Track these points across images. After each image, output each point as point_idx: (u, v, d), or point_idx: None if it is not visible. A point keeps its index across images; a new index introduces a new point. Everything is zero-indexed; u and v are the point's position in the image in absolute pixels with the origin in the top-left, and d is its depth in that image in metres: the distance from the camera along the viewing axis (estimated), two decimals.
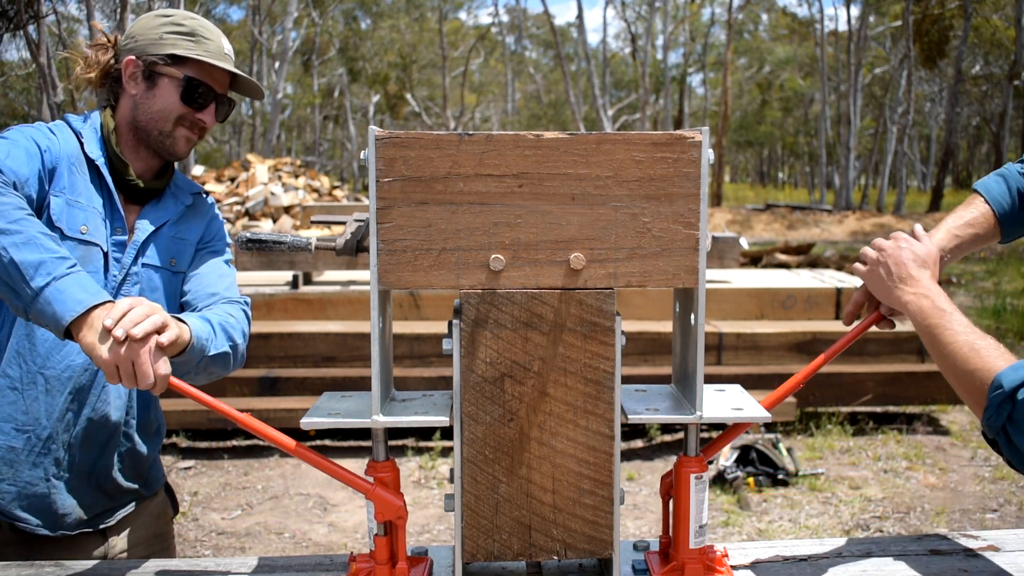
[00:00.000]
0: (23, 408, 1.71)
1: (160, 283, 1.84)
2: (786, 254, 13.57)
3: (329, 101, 43.41)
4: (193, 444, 5.78)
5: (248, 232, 1.59)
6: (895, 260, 1.51)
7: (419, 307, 6.38)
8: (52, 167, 1.69)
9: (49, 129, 1.75)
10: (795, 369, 5.98)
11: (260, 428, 1.45)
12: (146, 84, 1.80)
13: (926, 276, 1.48)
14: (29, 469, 1.74)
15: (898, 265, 1.50)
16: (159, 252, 1.84)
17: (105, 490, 1.86)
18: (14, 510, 1.74)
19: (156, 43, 1.79)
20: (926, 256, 1.51)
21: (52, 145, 1.71)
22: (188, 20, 1.83)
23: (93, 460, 1.82)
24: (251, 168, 13.72)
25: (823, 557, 1.65)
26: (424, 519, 4.72)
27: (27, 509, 1.75)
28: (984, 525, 4.67)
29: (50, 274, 1.42)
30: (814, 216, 26.63)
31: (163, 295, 1.84)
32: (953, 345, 1.38)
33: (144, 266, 1.82)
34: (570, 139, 1.34)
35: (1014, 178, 1.63)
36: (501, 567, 1.57)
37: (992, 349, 1.35)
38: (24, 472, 1.73)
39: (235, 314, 1.80)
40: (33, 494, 1.75)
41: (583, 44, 34.83)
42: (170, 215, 1.87)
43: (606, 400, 1.38)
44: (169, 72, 1.79)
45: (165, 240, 1.86)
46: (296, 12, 26.58)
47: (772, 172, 69.96)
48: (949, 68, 28.74)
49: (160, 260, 1.84)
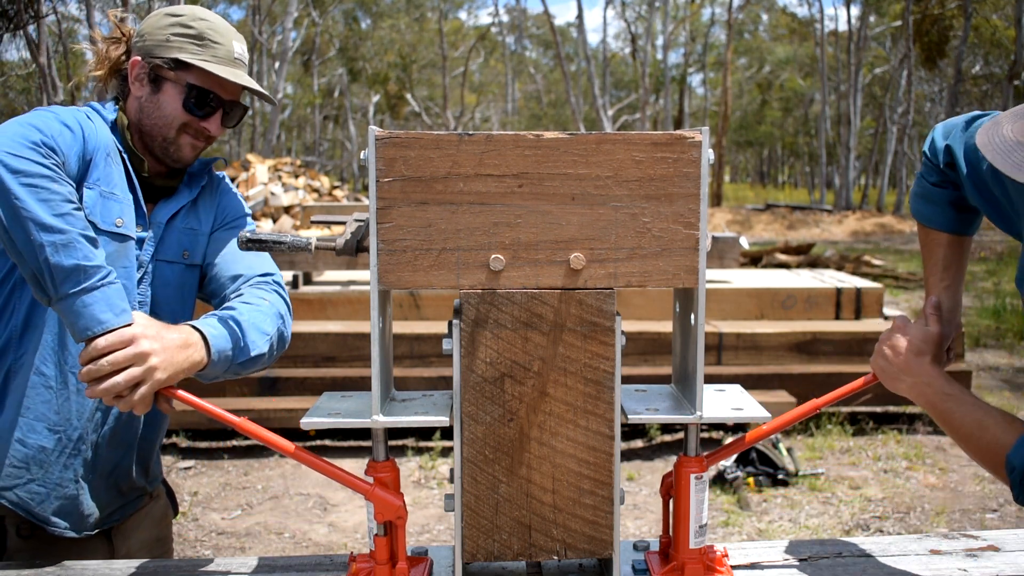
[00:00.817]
0: (55, 408, 1.68)
1: (172, 278, 1.80)
2: (786, 254, 13.57)
3: (329, 101, 43.41)
4: (193, 444, 5.78)
5: (248, 232, 1.58)
6: (894, 352, 1.56)
7: (419, 307, 6.38)
8: (89, 157, 1.64)
9: (87, 115, 1.70)
10: (795, 369, 5.99)
11: (259, 432, 1.45)
12: (151, 88, 1.75)
13: (925, 362, 1.53)
14: (60, 470, 1.71)
15: (897, 355, 1.55)
16: (172, 245, 1.80)
17: (120, 489, 1.84)
18: (44, 512, 1.71)
19: (162, 45, 1.73)
20: (923, 342, 1.54)
21: (91, 133, 1.65)
22: (197, 22, 1.75)
23: (117, 459, 1.80)
24: (251, 168, 13.71)
25: (823, 557, 1.65)
26: (424, 519, 4.72)
27: (57, 511, 1.72)
28: (984, 525, 4.67)
29: (79, 284, 1.41)
30: (814, 216, 26.63)
31: (175, 289, 1.81)
32: (963, 428, 1.46)
33: (158, 261, 1.78)
34: (570, 139, 1.34)
35: (937, 194, 1.65)
36: (501, 567, 1.57)
37: (998, 424, 1.42)
38: (55, 473, 1.70)
39: (267, 298, 1.76)
40: (63, 495, 1.71)
41: (583, 44, 34.84)
42: (181, 204, 1.82)
43: (606, 400, 1.38)
44: (173, 77, 1.73)
45: (177, 232, 1.81)
46: (296, 12, 26.58)
47: (772, 172, 69.95)
48: (949, 68, 28.73)
49: (173, 253, 1.80)
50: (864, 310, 6.65)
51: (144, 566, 1.67)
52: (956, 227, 1.64)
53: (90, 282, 1.41)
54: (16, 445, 1.67)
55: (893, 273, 13.62)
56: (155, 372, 1.44)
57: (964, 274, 1.68)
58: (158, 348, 1.45)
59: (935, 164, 1.61)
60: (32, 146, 1.44)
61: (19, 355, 1.68)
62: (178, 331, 1.52)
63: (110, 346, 1.41)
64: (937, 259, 1.66)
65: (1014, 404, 7.02)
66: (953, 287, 1.65)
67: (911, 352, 1.53)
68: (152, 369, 1.44)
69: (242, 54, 1.80)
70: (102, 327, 1.41)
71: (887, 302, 8.72)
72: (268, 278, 1.82)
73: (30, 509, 1.70)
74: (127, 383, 1.42)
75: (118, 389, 1.41)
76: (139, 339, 1.43)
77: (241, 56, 1.80)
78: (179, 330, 1.53)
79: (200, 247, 1.85)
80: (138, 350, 1.42)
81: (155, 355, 1.44)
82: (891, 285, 12.98)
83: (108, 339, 1.41)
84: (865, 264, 13.59)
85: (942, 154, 1.59)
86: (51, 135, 1.51)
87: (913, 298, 12.24)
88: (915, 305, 11.48)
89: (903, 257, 18.10)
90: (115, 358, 1.41)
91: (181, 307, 1.84)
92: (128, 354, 1.42)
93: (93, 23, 8.73)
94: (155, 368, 1.44)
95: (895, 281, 13.36)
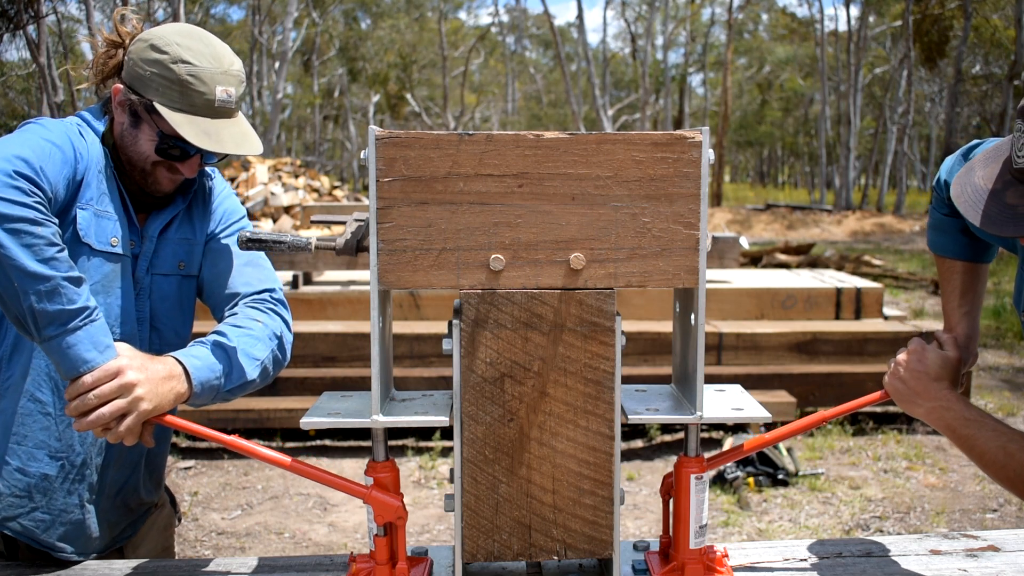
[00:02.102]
0: (56, 434, 1.65)
1: (170, 290, 1.77)
2: (786, 254, 13.57)
3: (329, 101, 43.41)
4: (193, 444, 5.77)
5: (248, 231, 1.58)
6: (911, 375, 1.55)
7: (419, 307, 6.38)
8: (81, 176, 1.59)
9: (78, 129, 1.64)
10: (795, 369, 5.99)
11: (252, 450, 1.47)
12: (130, 119, 1.66)
13: (943, 387, 1.52)
14: (64, 496, 1.68)
15: (914, 380, 1.54)
16: (167, 257, 1.76)
17: (129, 506, 1.83)
18: (49, 539, 1.68)
19: (142, 81, 1.63)
20: (941, 367, 1.54)
21: (82, 151, 1.60)
22: (180, 65, 1.61)
23: (124, 479, 1.78)
24: (251, 168, 13.71)
25: (823, 557, 1.65)
26: (424, 519, 4.72)
27: (63, 537, 1.69)
28: (984, 525, 4.67)
29: (63, 326, 1.41)
30: (814, 216, 26.63)
31: (174, 302, 1.78)
32: (987, 455, 1.45)
33: (153, 275, 1.74)
34: (570, 139, 1.34)
35: (948, 224, 1.68)
36: (501, 567, 1.57)
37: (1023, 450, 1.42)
38: (59, 499, 1.68)
39: (260, 319, 1.72)
40: (69, 521, 1.69)
41: (583, 44, 34.83)
42: (173, 214, 1.77)
43: (606, 400, 1.38)
44: (148, 120, 1.65)
45: (171, 244, 1.77)
46: (296, 12, 26.58)
47: (772, 172, 69.95)
48: (949, 68, 28.72)
49: (168, 266, 1.76)
50: (864, 310, 6.65)
51: (144, 566, 1.67)
52: (969, 255, 1.66)
53: (73, 323, 1.41)
54: (16, 475, 1.65)
55: (893, 273, 13.62)
56: (141, 403, 1.45)
57: (981, 301, 1.70)
58: (143, 379, 1.45)
59: (943, 196, 1.65)
60: (15, 184, 1.39)
61: (6, 377, 1.65)
62: (162, 362, 1.52)
63: (96, 381, 1.42)
64: (954, 287, 1.67)
65: (1014, 404, 7.02)
66: (971, 314, 1.66)
67: (929, 377, 1.53)
68: (138, 400, 1.45)
69: (228, 99, 1.66)
70: (87, 366, 1.42)
71: (887, 302, 8.73)
72: (266, 295, 1.79)
73: (35, 536, 1.68)
74: (112, 414, 1.43)
75: (104, 421, 1.43)
76: (124, 371, 1.44)
77: (226, 102, 1.65)
78: (163, 361, 1.52)
79: (196, 256, 1.81)
80: (123, 381, 1.43)
81: (140, 386, 1.45)
82: (891, 285, 12.98)
83: (94, 374, 1.42)
84: (865, 264, 13.59)
85: (944, 188, 1.63)
86: (38, 164, 1.46)
87: (913, 298, 12.24)
88: (915, 305, 11.48)
89: (903, 257, 18.11)
90: (101, 391, 1.42)
91: (181, 318, 1.81)
92: (114, 386, 1.43)
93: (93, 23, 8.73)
94: (141, 399, 1.45)
95: (895, 281, 13.36)
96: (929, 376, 1.53)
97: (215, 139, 1.62)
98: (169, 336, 1.78)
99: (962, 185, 1.33)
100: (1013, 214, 1.25)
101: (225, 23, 35.71)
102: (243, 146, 1.67)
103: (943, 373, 1.53)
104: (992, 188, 1.28)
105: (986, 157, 1.35)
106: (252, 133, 1.73)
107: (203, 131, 1.62)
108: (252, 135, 1.72)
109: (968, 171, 1.34)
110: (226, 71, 1.66)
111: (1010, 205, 1.25)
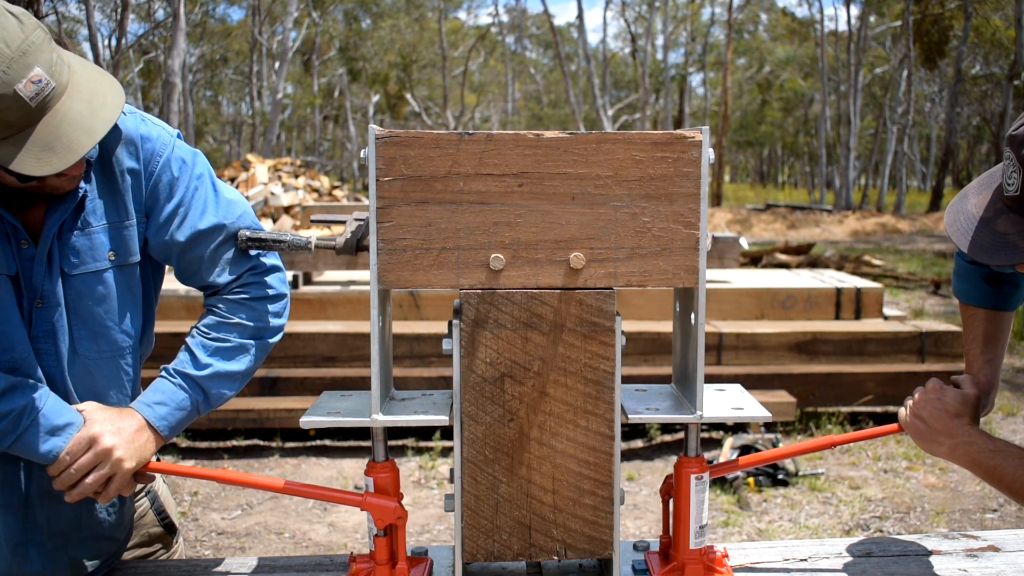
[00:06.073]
0: None
1: (103, 287, 1.48)
2: (786, 254, 13.57)
3: (329, 101, 43.40)
4: (193, 444, 5.77)
5: (248, 231, 1.58)
6: (931, 414, 1.54)
7: (419, 307, 6.38)
8: None
9: None
10: (795, 369, 5.98)
11: (242, 479, 1.48)
12: None
13: (964, 423, 1.52)
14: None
15: (935, 418, 1.54)
16: (86, 251, 1.45)
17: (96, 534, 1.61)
18: None
19: None
20: (961, 403, 1.54)
21: None
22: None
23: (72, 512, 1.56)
24: (251, 168, 13.72)
25: (823, 557, 1.65)
26: (424, 519, 4.72)
27: None
28: (984, 525, 4.67)
29: (11, 436, 1.39)
30: (814, 216, 26.63)
31: (114, 299, 1.51)
32: (1016, 483, 1.44)
33: (69, 276, 1.44)
34: (570, 139, 1.33)
35: (971, 271, 1.68)
36: (501, 567, 1.57)
37: None
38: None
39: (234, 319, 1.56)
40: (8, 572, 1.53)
41: (583, 44, 34.83)
42: (73, 204, 1.42)
43: (606, 400, 1.38)
44: None
45: (89, 235, 1.45)
46: (296, 12, 26.58)
47: (772, 172, 69.95)
48: (949, 68, 28.75)
49: (92, 260, 1.46)
50: (864, 310, 6.65)
51: (144, 566, 1.67)
52: (993, 302, 1.66)
53: (19, 429, 1.40)
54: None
55: (893, 273, 13.62)
56: (122, 464, 1.44)
57: (1004, 350, 1.69)
58: (119, 442, 1.44)
59: None
60: None
61: None
62: (131, 416, 1.49)
63: (73, 456, 1.41)
64: (977, 334, 1.67)
65: (1014, 404, 7.01)
66: (993, 363, 1.66)
67: (949, 414, 1.52)
68: (119, 461, 1.44)
69: (42, 85, 1.23)
70: (52, 455, 1.41)
71: (887, 302, 8.72)
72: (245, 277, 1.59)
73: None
74: (97, 482, 1.43)
75: (91, 490, 1.43)
76: (98, 438, 1.42)
77: (42, 91, 1.23)
78: (131, 415, 1.49)
79: (133, 240, 1.51)
80: (98, 449, 1.42)
81: (117, 449, 1.43)
82: (891, 285, 12.98)
83: (68, 450, 1.41)
84: (865, 264, 13.59)
85: None
86: None
87: (913, 298, 12.23)
88: (915, 305, 11.48)
89: (903, 257, 18.10)
90: (80, 464, 1.42)
91: (129, 313, 1.54)
92: (90, 457, 1.42)
93: (93, 23, 8.71)
94: (121, 460, 1.44)
95: (895, 281, 13.36)
96: (949, 413, 1.52)
97: (57, 150, 1.25)
98: (116, 336, 1.53)
99: (955, 213, 1.33)
100: (1004, 242, 1.25)
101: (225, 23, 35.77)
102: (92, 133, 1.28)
103: (963, 410, 1.52)
104: (983, 216, 1.28)
105: (979, 184, 1.34)
106: (100, 98, 1.31)
107: (38, 151, 1.24)
108: (100, 104, 1.30)
109: (961, 198, 1.34)
110: (22, 51, 1.21)
111: (1001, 233, 1.25)
